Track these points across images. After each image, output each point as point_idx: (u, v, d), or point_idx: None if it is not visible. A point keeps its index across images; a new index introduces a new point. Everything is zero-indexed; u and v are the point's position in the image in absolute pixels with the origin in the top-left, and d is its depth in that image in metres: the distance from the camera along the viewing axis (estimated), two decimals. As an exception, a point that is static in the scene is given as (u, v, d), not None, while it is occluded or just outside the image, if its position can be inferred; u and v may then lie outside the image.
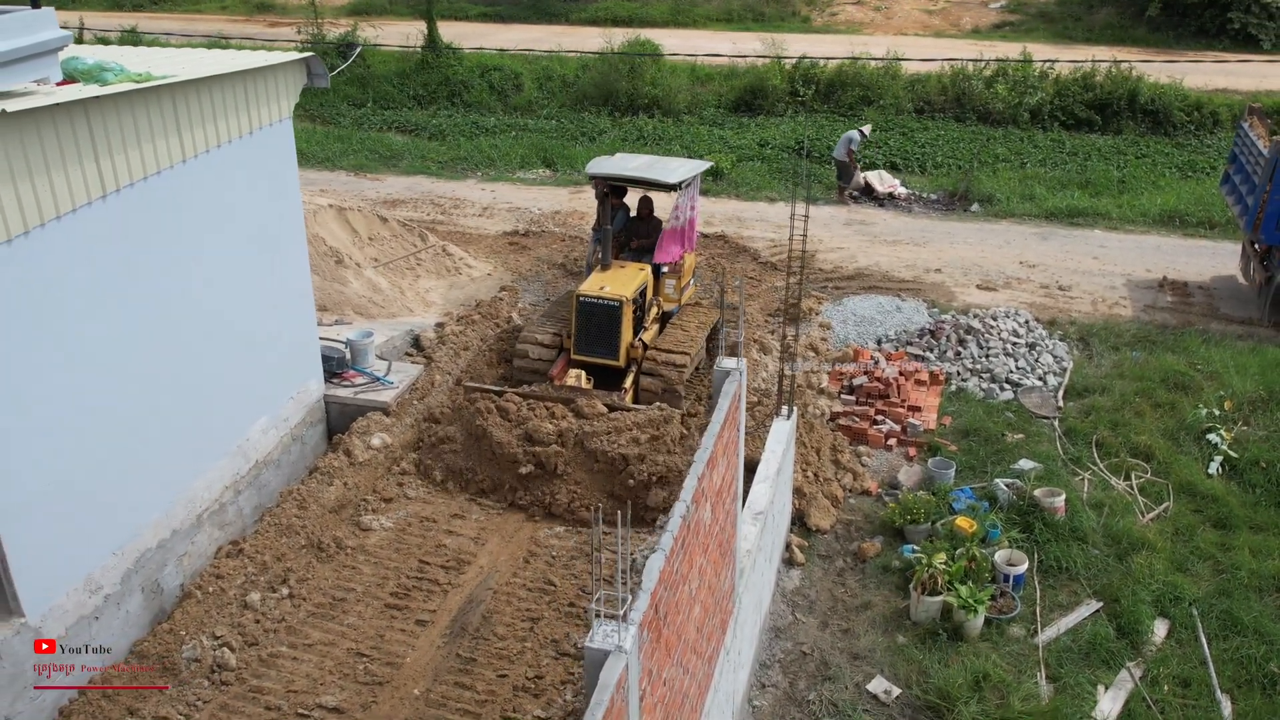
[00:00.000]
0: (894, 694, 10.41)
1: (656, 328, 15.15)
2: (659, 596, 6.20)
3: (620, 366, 14.20)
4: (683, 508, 6.72)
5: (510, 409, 12.97)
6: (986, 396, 15.12)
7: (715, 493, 7.75)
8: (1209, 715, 10.07)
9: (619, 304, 13.99)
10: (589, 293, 14.15)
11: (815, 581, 11.96)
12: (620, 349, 14.16)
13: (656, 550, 6.33)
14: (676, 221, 15.14)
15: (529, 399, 13.20)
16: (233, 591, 10.90)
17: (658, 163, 15.82)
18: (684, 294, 15.84)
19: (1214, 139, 26.94)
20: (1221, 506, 12.77)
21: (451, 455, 13.05)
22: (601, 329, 14.10)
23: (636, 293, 14.47)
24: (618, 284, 14.42)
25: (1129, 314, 17.86)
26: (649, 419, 12.79)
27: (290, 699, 10.03)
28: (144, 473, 10.51)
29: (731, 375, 8.45)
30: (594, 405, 13.04)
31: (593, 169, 15.51)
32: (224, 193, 11.28)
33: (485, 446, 12.85)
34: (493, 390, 13.44)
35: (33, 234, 8.86)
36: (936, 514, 12.43)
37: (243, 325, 11.85)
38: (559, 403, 13.12)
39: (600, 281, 14.52)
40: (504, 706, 10.03)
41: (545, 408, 13.00)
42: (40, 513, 9.24)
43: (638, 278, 14.79)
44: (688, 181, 15.04)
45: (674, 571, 6.53)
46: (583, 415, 12.96)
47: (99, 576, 10.05)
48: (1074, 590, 11.68)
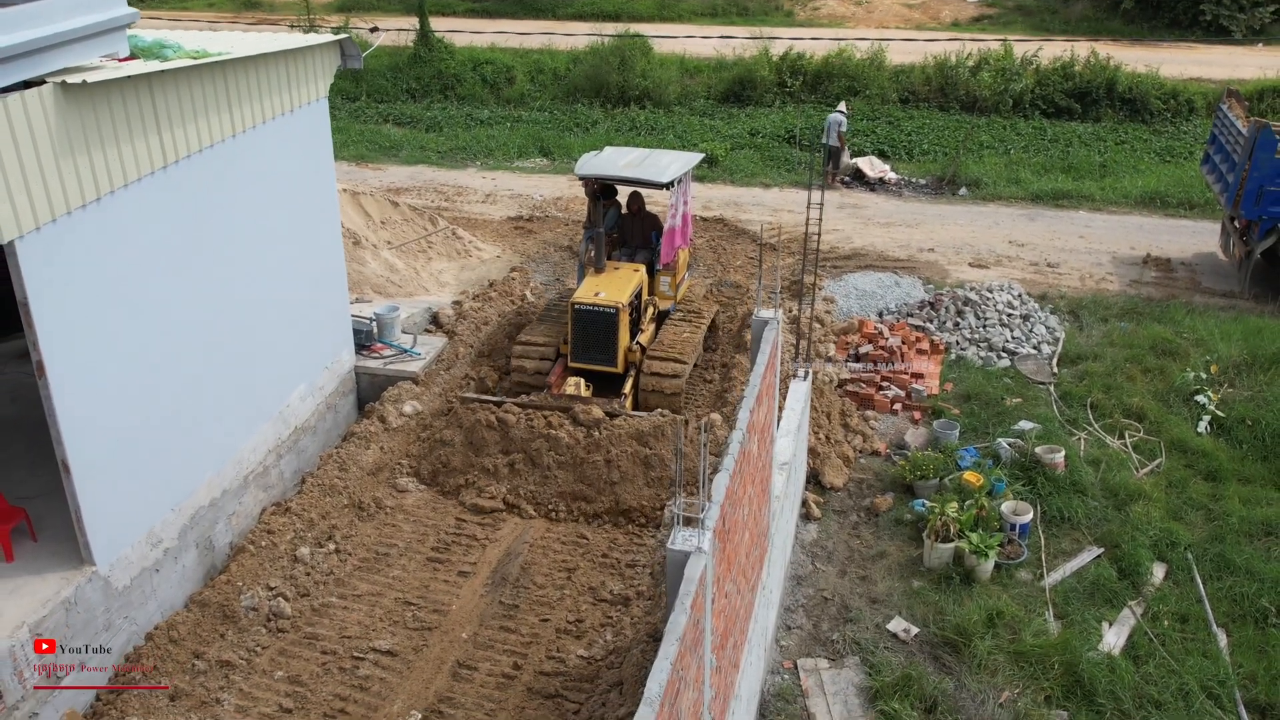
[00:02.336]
0: (913, 632, 11.06)
1: (653, 328, 14.93)
2: (725, 510, 6.81)
3: (619, 373, 14.04)
4: (740, 434, 7.33)
5: (510, 420, 12.93)
6: (985, 364, 15.83)
7: (760, 429, 8.37)
8: (1207, 647, 10.75)
9: (615, 311, 13.74)
10: (584, 300, 13.85)
11: (832, 534, 12.60)
12: (618, 356, 13.95)
13: (721, 470, 6.94)
14: (673, 221, 14.69)
15: (528, 409, 13.12)
16: (283, 546, 11.43)
17: (649, 159, 15.22)
18: (679, 290, 15.68)
19: (1190, 125, 27.85)
20: (1211, 461, 13.51)
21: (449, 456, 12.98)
22: (598, 336, 13.86)
23: (632, 296, 14.23)
24: (613, 289, 14.12)
25: (1116, 288, 18.63)
26: (652, 425, 12.77)
27: (345, 644, 10.59)
28: (198, 434, 11.03)
29: (770, 324, 9.07)
30: (593, 413, 12.95)
31: (581, 169, 14.91)
32: (268, 168, 11.81)
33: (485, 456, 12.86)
34: (491, 401, 13.33)
35: (104, 200, 9.37)
36: (944, 470, 13.09)
37: (283, 295, 12.37)
38: (558, 411, 13.06)
39: (595, 287, 14.20)
40: (548, 647, 10.63)
41: (544, 417, 12.96)
42: (108, 469, 9.74)
43: (633, 280, 14.52)
44: (680, 179, 14.60)
45: (734, 490, 7.14)
46: (581, 423, 12.89)
47: (159, 531, 10.56)
48: (1076, 538, 12.37)
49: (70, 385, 9.15)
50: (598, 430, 12.81)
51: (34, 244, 8.65)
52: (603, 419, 12.94)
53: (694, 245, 19.89)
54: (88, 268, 9.27)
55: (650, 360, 13.95)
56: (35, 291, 8.71)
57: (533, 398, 13.46)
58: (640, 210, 15.74)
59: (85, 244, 9.19)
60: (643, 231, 15.63)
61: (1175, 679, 10.27)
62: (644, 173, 14.54)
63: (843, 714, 10.17)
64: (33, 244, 8.64)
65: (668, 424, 12.81)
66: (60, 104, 8.68)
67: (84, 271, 9.22)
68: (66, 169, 8.86)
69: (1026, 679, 10.36)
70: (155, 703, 9.55)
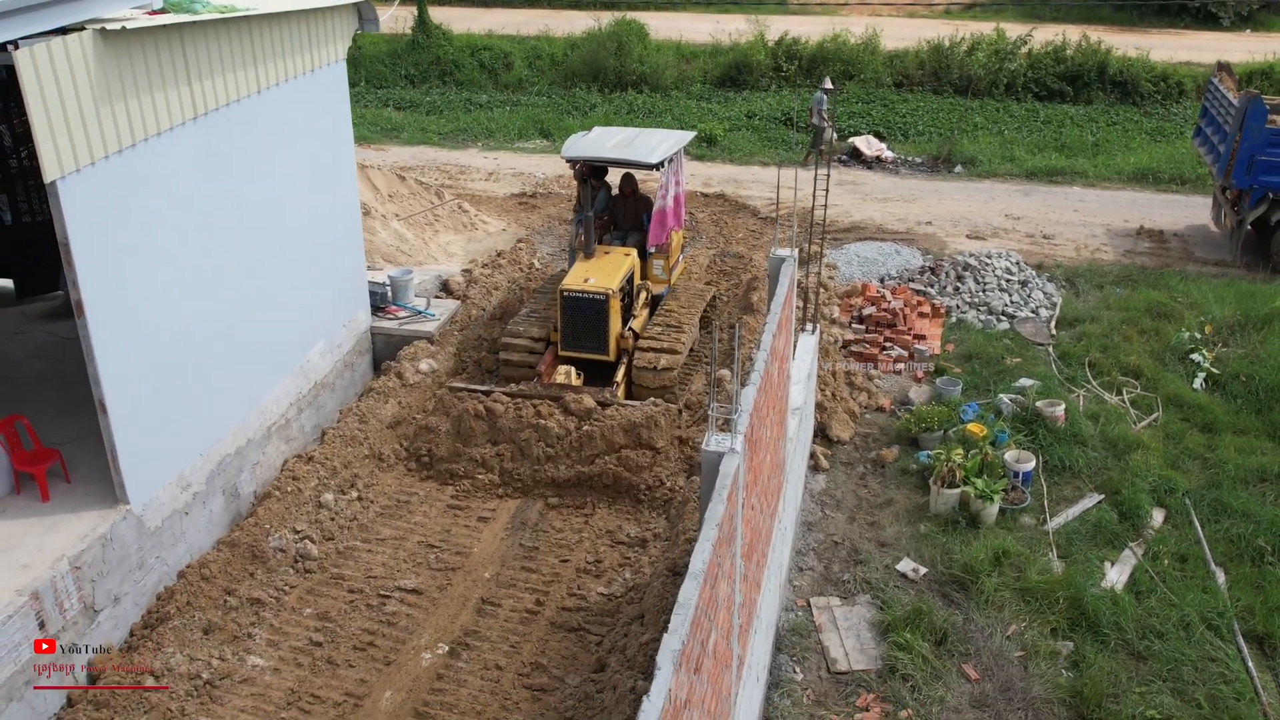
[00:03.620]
0: (921, 572, 11.40)
1: (646, 313, 14.45)
2: (754, 420, 7.13)
3: (611, 362, 13.63)
4: (764, 355, 7.65)
5: (498, 409, 12.65)
6: (985, 327, 16.19)
7: (780, 358, 8.69)
8: (1206, 583, 11.11)
9: (605, 298, 13.27)
10: (573, 287, 13.37)
11: (840, 484, 12.93)
12: (609, 344, 13.50)
13: (748, 384, 7.26)
14: (663, 201, 14.19)
15: (517, 398, 12.79)
16: (307, 492, 11.72)
17: (638, 138, 14.71)
18: (673, 273, 15.23)
19: (1180, 107, 28.28)
20: (1207, 414, 13.88)
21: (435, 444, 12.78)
22: (588, 324, 13.40)
23: (623, 281, 13.77)
24: (603, 275, 13.64)
25: (1110, 258, 19.01)
26: (645, 415, 12.48)
27: (371, 583, 10.89)
28: (224, 382, 11.31)
29: (787, 260, 9.39)
30: (584, 402, 12.65)
31: (568, 152, 14.37)
32: (290, 128, 12.10)
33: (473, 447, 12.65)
34: (479, 390, 13.01)
35: (139, 147, 9.65)
36: (948, 423, 13.43)
37: (304, 252, 12.66)
38: (548, 400, 12.76)
39: (584, 273, 13.70)
40: (568, 585, 10.94)
41: (533, 406, 12.67)
42: (141, 410, 10.03)
43: (624, 265, 14.05)
44: (670, 159, 14.15)
45: (760, 405, 7.46)
46: (572, 413, 12.60)
47: (189, 475, 10.84)
48: (1077, 485, 12.73)
49: (107, 325, 9.43)
50: (589, 420, 12.51)
51: (74, 185, 8.93)
52: (594, 408, 12.61)
53: (695, 220, 20.22)
54: (124, 212, 9.54)
55: (642, 352, 13.49)
56: (76, 232, 8.99)
57: (522, 386, 13.09)
58: (633, 192, 15.34)
59: (122, 188, 9.47)
60: (635, 213, 15.22)
61: (1176, 612, 10.62)
62: (632, 154, 14.06)
63: (855, 646, 10.50)
64: (73, 185, 8.92)
65: (660, 414, 12.52)
66: (99, 49, 8.97)
67: (120, 215, 9.50)
68: (105, 114, 9.13)
69: (1032, 613, 10.72)
70: (190, 636, 9.82)
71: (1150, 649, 10.24)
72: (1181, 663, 10.04)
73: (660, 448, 12.43)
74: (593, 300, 13.31)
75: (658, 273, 14.88)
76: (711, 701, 6.28)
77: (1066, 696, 9.76)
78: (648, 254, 14.73)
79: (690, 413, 13.41)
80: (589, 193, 14.71)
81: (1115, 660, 10.10)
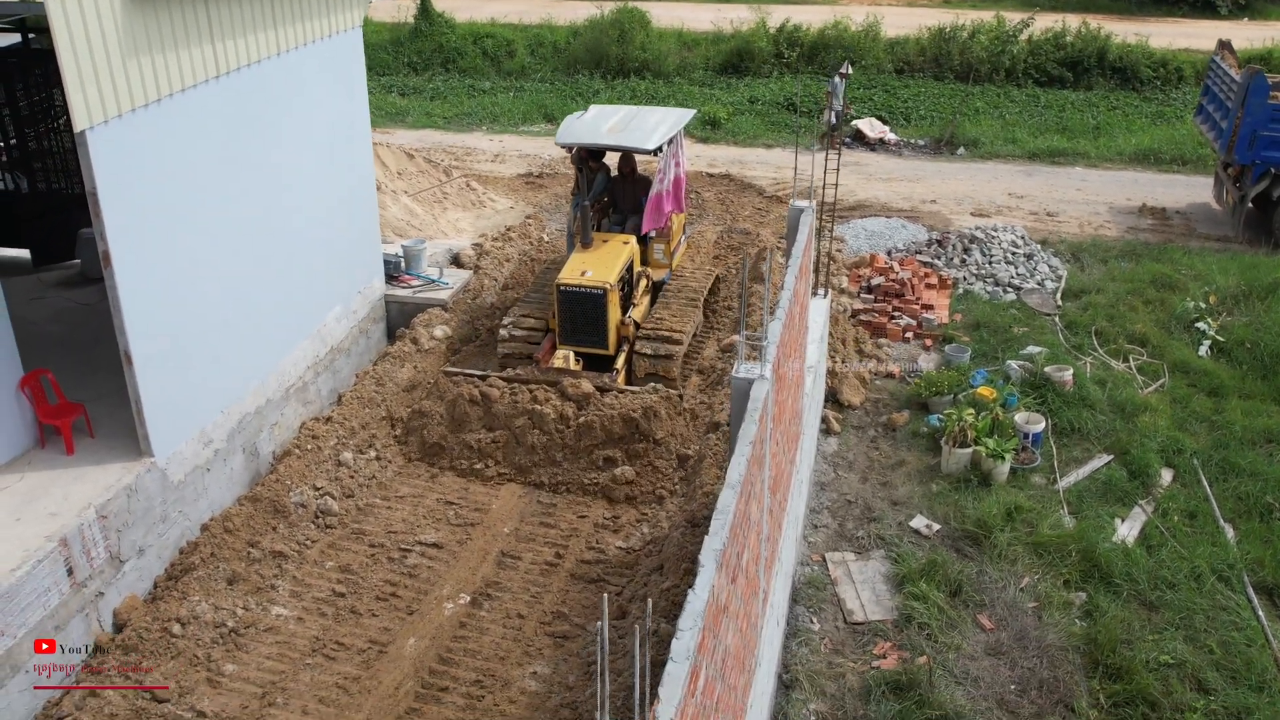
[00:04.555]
0: (934, 528, 11.54)
1: (647, 300, 14.02)
2: (779, 354, 7.26)
3: (611, 354, 13.22)
4: (787, 294, 7.78)
5: (493, 394, 12.31)
6: (992, 297, 16.35)
7: (800, 302, 8.82)
8: (1215, 538, 11.26)
9: (603, 291, 12.81)
10: (570, 281, 12.89)
11: (851, 446, 13.07)
12: (609, 337, 13.09)
13: (774, 319, 7.39)
14: (661, 185, 13.74)
15: (513, 383, 12.45)
16: (327, 451, 11.83)
17: (635, 119, 14.17)
18: (675, 257, 14.84)
19: (1179, 93, 28.43)
20: (1213, 379, 14.05)
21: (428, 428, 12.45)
22: (587, 317, 12.97)
23: (623, 271, 13.28)
24: (601, 266, 13.14)
25: (1114, 234, 19.17)
26: (643, 403, 12.09)
27: (391, 538, 11.01)
28: (244, 342, 11.42)
29: (806, 210, 9.52)
30: (582, 387, 12.30)
31: (563, 137, 13.86)
32: (308, 91, 12.21)
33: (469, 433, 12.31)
34: (475, 375, 12.68)
35: (164, 102, 9.75)
36: (958, 387, 13.57)
37: (321, 216, 12.77)
38: (545, 385, 12.41)
39: (582, 264, 13.20)
40: (587, 540, 11.07)
41: (529, 391, 12.32)
42: (165, 364, 10.13)
43: (622, 254, 13.52)
44: (669, 141, 13.73)
45: (784, 341, 7.59)
46: (570, 398, 12.25)
47: (210, 431, 10.95)
48: (1087, 447, 12.87)
49: (133, 277, 9.53)
50: (587, 406, 12.16)
51: (103, 135, 9.04)
52: (592, 393, 12.26)
53: (702, 199, 20.35)
54: (150, 166, 9.65)
55: (643, 341, 13.13)
56: (104, 182, 9.10)
57: (519, 371, 12.75)
58: (632, 173, 14.85)
59: (147, 142, 9.58)
60: (635, 196, 14.65)
61: (1187, 564, 10.78)
62: (629, 138, 13.59)
63: (871, 598, 10.63)
64: (102, 135, 9.03)
65: (660, 402, 12.15)
66: (127, 3, 9.07)
67: (146, 169, 9.60)
68: (131, 67, 9.24)
69: (1045, 566, 10.86)
70: (215, 585, 9.93)
71: (1162, 599, 10.39)
72: (1193, 612, 10.20)
73: (660, 439, 12.02)
74: (590, 294, 12.86)
75: (658, 257, 14.48)
76: (743, 621, 6.42)
77: (1081, 644, 9.91)
78: (648, 239, 14.30)
79: (702, 377, 13.53)
80: (586, 178, 14.30)
81: (1128, 610, 10.25)
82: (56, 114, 14.25)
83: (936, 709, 9.16)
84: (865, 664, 9.83)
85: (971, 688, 9.48)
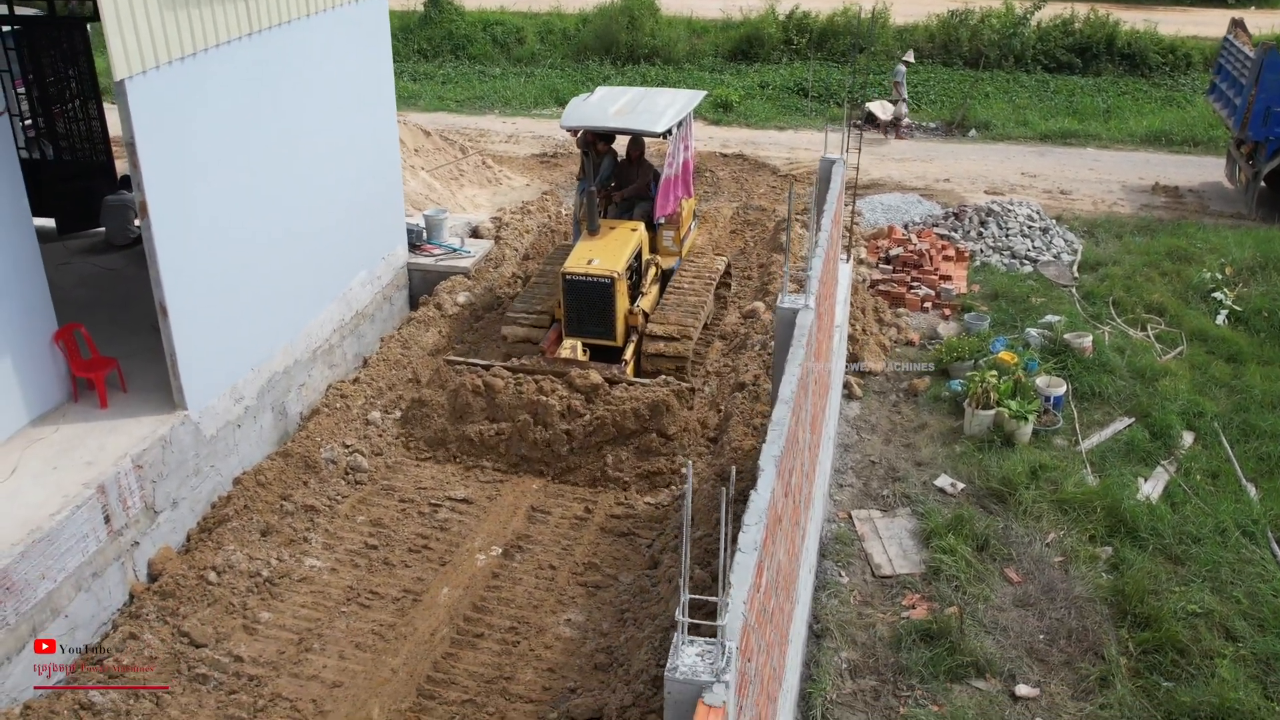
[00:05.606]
0: (959, 487, 11.61)
1: (656, 289, 13.63)
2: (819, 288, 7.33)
3: (619, 346, 12.77)
4: (824, 235, 7.86)
5: (497, 385, 11.88)
6: (1009, 270, 16.42)
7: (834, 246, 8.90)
8: (1239, 496, 11.34)
9: (610, 280, 12.35)
10: (576, 269, 12.43)
11: (874, 410, 13.14)
12: (616, 328, 12.64)
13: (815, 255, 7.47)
14: (671, 170, 13.24)
15: (518, 373, 12.00)
16: (355, 410, 11.92)
17: (643, 101, 13.74)
18: (685, 245, 14.40)
19: (1188, 79, 28.50)
20: (1231, 346, 14.14)
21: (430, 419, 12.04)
22: (593, 308, 12.53)
23: (630, 259, 12.85)
24: (607, 255, 12.66)
25: (1128, 211, 19.26)
26: (653, 397, 11.62)
27: (421, 494, 11.09)
28: (274, 300, 11.51)
29: (838, 163, 9.60)
30: (590, 377, 11.86)
31: (568, 120, 13.40)
32: (336, 55, 12.30)
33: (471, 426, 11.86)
34: (479, 364, 12.21)
35: (199, 56, 9.83)
36: (978, 353, 13.65)
37: (347, 178, 12.85)
38: (551, 376, 11.95)
39: (588, 253, 12.73)
40: (615, 496, 11.15)
41: (535, 382, 11.87)
42: (199, 318, 10.22)
43: (630, 241, 13.06)
44: (679, 124, 13.28)
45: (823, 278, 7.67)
46: (577, 389, 11.81)
47: (241, 387, 11.03)
48: (1108, 411, 12.95)
49: (169, 228, 9.62)
50: (595, 398, 11.74)
51: (141, 86, 9.11)
52: (600, 384, 11.84)
53: (716, 177, 20.45)
54: (185, 119, 9.74)
55: (652, 339, 12.69)
56: (142, 132, 9.17)
57: (524, 361, 12.33)
58: (640, 157, 14.25)
59: (183, 95, 9.66)
60: (642, 180, 14.14)
61: (1211, 520, 10.84)
62: (637, 121, 13.12)
63: (898, 553, 10.70)
64: (140, 86, 9.10)
65: (672, 396, 11.68)
66: (165, -47, 9.16)
67: (182, 121, 9.69)
68: (168, 19, 9.32)
69: (1070, 522, 10.94)
70: (249, 536, 10.01)
71: (1187, 553, 10.45)
72: (1219, 565, 10.26)
73: (672, 434, 11.62)
74: (597, 283, 12.39)
75: (668, 244, 14.00)
76: (790, 542, 6.49)
77: (1108, 595, 9.98)
78: (656, 225, 13.86)
79: (725, 342, 13.60)
80: (593, 162, 13.84)
81: (1154, 563, 10.32)
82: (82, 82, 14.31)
83: (968, 655, 9.24)
84: (895, 614, 9.90)
85: (1001, 637, 9.56)
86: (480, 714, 8.39)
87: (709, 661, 3.95)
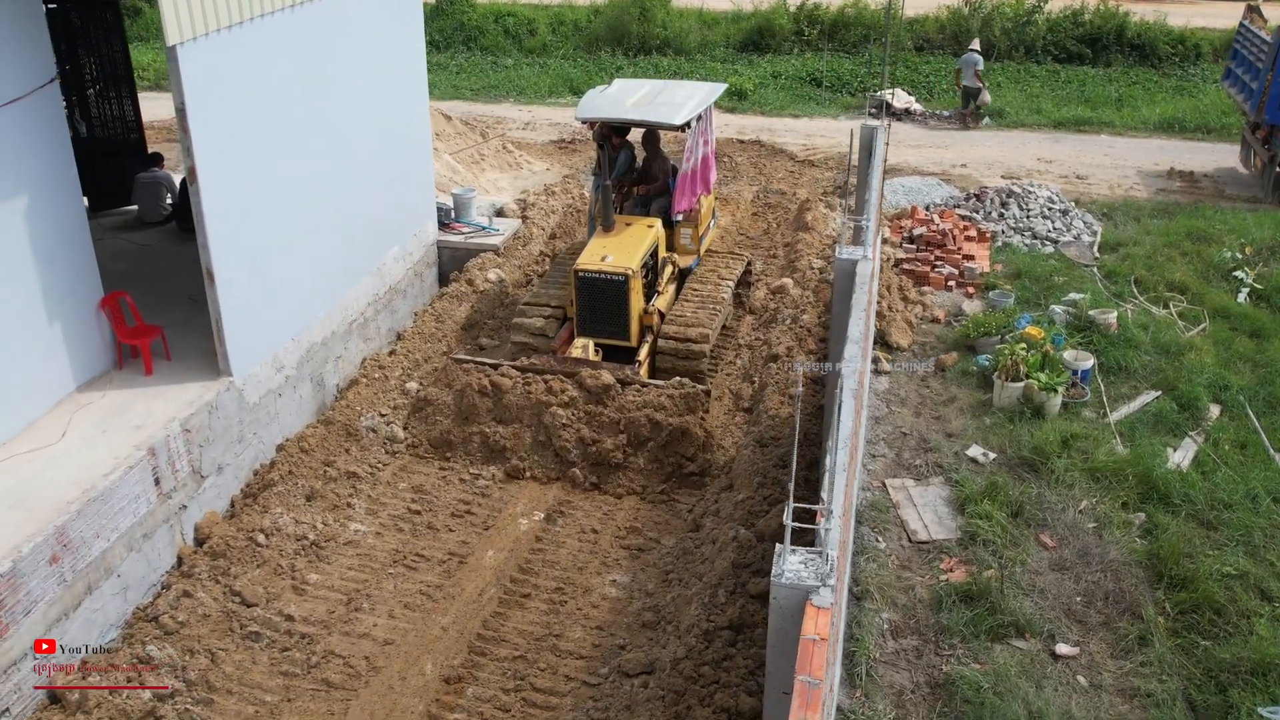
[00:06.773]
0: (991, 456, 11.73)
1: (673, 289, 13.31)
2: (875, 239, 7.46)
3: (633, 345, 12.44)
4: (875, 194, 7.99)
5: (505, 384, 11.57)
6: (1030, 250, 16.55)
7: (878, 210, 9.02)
8: (1268, 467, 11.46)
9: (625, 278, 12.03)
10: (589, 266, 12.09)
11: (902, 385, 13.26)
12: (630, 328, 12.31)
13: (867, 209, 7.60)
14: (689, 165, 12.96)
15: (527, 373, 11.65)
16: (393, 380, 12.05)
17: (662, 94, 13.34)
18: (703, 243, 13.98)
19: (1198, 69, 28.67)
20: (1254, 322, 14.25)
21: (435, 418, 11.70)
22: (607, 306, 12.19)
23: (646, 256, 12.52)
24: (622, 252, 12.32)
25: (1144, 195, 19.40)
26: (669, 397, 11.38)
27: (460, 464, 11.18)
28: (313, 272, 11.65)
29: (879, 129, 9.72)
30: (602, 378, 11.51)
31: (584, 111, 13.04)
32: (372, 31, 12.43)
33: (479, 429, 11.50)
34: (487, 363, 11.89)
35: (246, 25, 9.95)
36: (1004, 329, 13.77)
37: (382, 154, 12.99)
38: (561, 376, 11.60)
39: (602, 249, 12.37)
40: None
41: (544, 381, 11.55)
42: (243, 285, 10.34)
43: (646, 238, 12.71)
44: (698, 117, 12.94)
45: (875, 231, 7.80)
46: (589, 390, 11.48)
47: (282, 356, 11.15)
48: (1134, 384, 13.06)
49: (216, 194, 9.75)
50: (607, 399, 11.41)
51: (192, 52, 9.24)
52: (613, 385, 11.49)
53: (734, 163, 20.58)
54: (232, 87, 9.87)
55: (667, 341, 12.37)
56: (192, 97, 9.30)
57: (533, 360, 11.93)
58: (657, 151, 14.01)
59: (231, 63, 9.79)
60: (659, 176, 13.85)
61: (1242, 487, 10.96)
62: (655, 113, 12.68)
63: (934, 519, 10.82)
64: (190, 52, 9.23)
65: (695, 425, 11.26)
66: (215, -79, 9.29)
67: (229, 89, 9.82)
68: (218, -13, 9.45)
69: (1102, 490, 11.05)
70: (294, 501, 10.12)
71: (1220, 519, 10.57)
72: (1252, 530, 10.38)
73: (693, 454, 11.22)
74: (611, 281, 12.05)
75: (685, 242, 13.60)
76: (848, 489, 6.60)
77: (1143, 559, 10.10)
78: (673, 222, 13.46)
79: (755, 317, 13.70)
80: (608, 156, 13.35)
81: (1188, 528, 10.44)
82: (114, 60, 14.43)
83: (1008, 615, 9.36)
84: (933, 577, 10.01)
85: (1039, 599, 9.67)
86: (532, 669, 8.51)
87: (813, 568, 4.06)
